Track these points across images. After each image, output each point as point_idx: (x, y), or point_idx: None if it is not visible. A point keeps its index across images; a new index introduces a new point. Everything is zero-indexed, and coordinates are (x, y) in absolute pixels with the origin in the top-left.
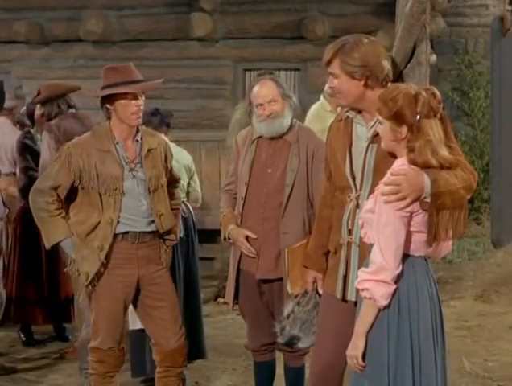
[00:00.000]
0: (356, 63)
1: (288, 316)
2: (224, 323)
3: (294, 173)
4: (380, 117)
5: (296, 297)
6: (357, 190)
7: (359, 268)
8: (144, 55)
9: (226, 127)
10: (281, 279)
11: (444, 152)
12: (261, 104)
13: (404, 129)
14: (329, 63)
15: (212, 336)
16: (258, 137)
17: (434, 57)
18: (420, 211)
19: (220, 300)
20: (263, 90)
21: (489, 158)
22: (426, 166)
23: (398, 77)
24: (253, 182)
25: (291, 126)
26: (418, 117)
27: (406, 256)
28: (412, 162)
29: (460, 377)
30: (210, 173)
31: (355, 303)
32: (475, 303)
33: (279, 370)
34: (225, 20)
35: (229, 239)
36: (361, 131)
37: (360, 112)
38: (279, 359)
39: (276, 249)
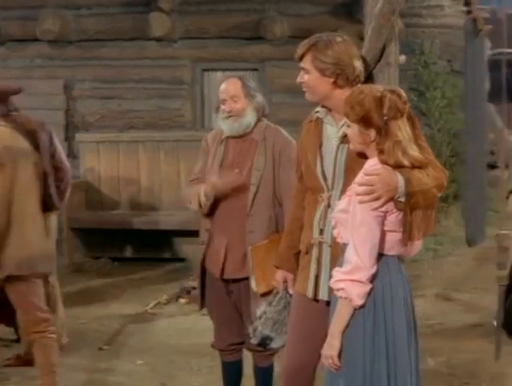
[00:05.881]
0: (328, 60)
1: (260, 317)
2: (187, 324)
3: (260, 172)
4: (347, 121)
5: (265, 295)
6: (328, 191)
7: (331, 268)
8: (102, 55)
9: (184, 127)
10: (248, 278)
11: (414, 152)
12: (224, 100)
13: (372, 132)
14: (302, 57)
15: (176, 336)
16: (227, 137)
17: (403, 57)
18: (394, 210)
19: (182, 300)
20: (227, 86)
21: (456, 157)
22: (397, 166)
23: (368, 77)
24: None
25: (258, 125)
26: (385, 118)
27: (380, 256)
28: (384, 163)
29: (425, 375)
30: (169, 173)
31: (327, 303)
32: (436, 302)
33: (247, 370)
34: (184, 20)
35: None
36: (331, 131)
37: (330, 110)
38: (247, 358)
39: (243, 248)
